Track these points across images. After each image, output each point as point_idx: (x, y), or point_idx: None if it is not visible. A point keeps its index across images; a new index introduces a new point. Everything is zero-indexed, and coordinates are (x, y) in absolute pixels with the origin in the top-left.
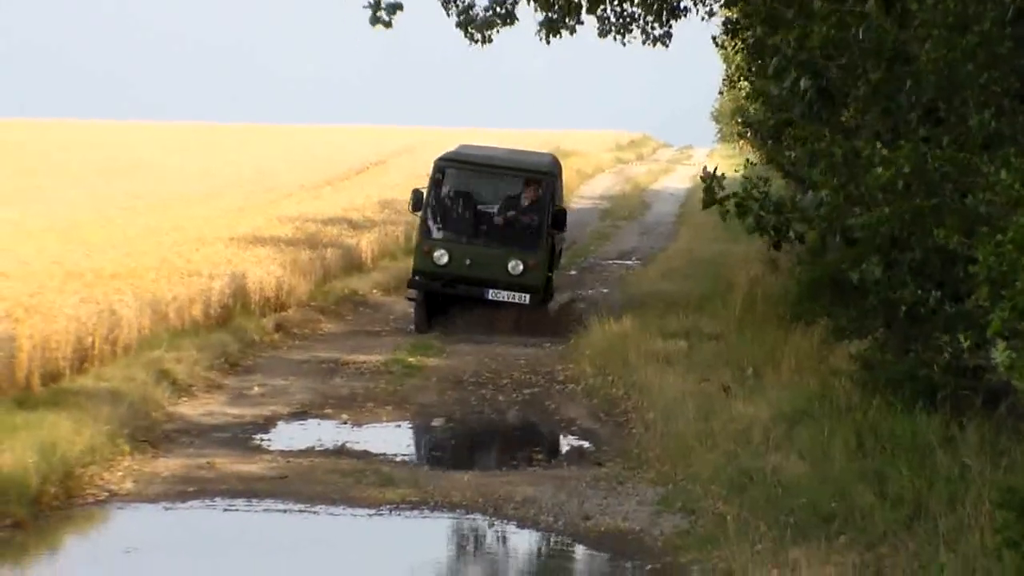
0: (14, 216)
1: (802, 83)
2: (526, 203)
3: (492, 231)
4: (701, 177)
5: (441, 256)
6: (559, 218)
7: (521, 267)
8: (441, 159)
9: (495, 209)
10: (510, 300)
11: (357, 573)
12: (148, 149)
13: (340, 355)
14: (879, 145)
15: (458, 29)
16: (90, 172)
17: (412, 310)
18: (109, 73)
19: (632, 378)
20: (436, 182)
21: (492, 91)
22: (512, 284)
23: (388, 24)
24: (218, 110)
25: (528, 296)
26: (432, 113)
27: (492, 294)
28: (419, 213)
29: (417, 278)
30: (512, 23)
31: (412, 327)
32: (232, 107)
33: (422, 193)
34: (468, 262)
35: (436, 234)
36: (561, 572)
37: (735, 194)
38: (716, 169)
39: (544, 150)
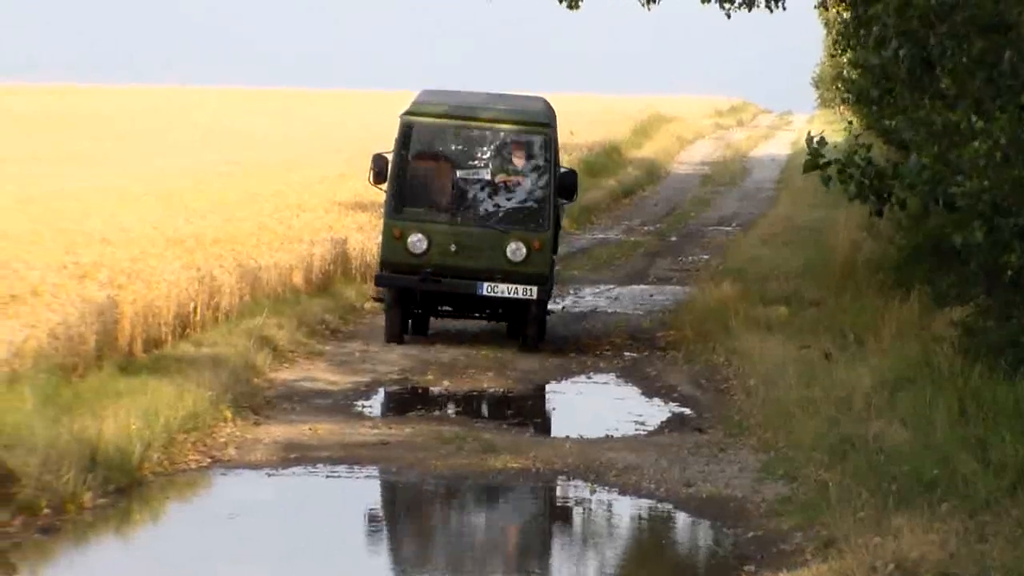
0: (114, 182)
1: (902, 52)
2: (523, 166)
3: (482, 205)
4: (806, 140)
5: (418, 242)
6: (568, 183)
7: (524, 251)
8: (408, 113)
9: (483, 175)
10: (512, 296)
11: (459, 539)
12: (249, 115)
13: (440, 321)
14: (975, 117)
15: None
16: (191, 138)
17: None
18: (208, 39)
19: (733, 344)
20: (404, 144)
21: (585, 56)
22: (512, 274)
23: None
24: (319, 76)
25: (535, 289)
26: (527, 79)
27: (487, 289)
28: (383, 186)
29: (386, 273)
30: None
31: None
32: (333, 72)
33: (386, 159)
34: (453, 248)
35: (409, 213)
36: (663, 539)
37: (837, 160)
38: (822, 134)
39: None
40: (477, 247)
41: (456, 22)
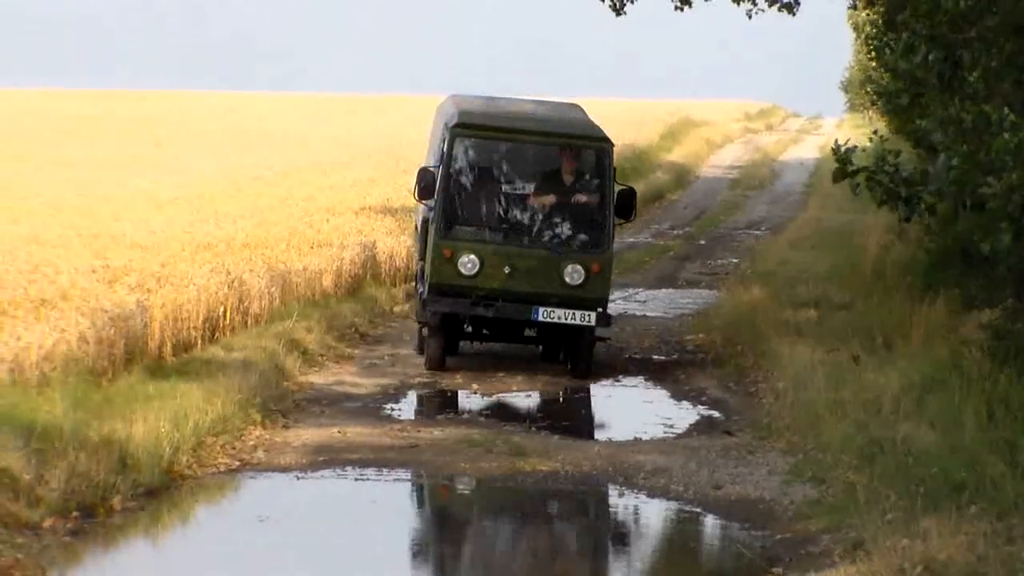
0: (146, 186)
1: (931, 57)
2: (580, 182)
3: (537, 225)
4: (833, 149)
5: (469, 263)
6: (626, 202)
7: (582, 274)
8: (458, 124)
9: (537, 192)
10: (568, 322)
11: (487, 542)
12: (282, 120)
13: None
14: (1007, 111)
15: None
16: (224, 142)
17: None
18: (242, 44)
19: (762, 347)
20: (452, 158)
21: (614, 60)
22: (570, 299)
23: None
24: (353, 81)
25: (593, 315)
26: (556, 83)
27: (544, 314)
28: (428, 201)
29: (434, 296)
30: None
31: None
32: (367, 77)
33: (433, 174)
34: (507, 270)
35: (459, 232)
36: (691, 541)
37: (865, 168)
38: (848, 142)
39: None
40: (532, 269)
41: (484, 26)
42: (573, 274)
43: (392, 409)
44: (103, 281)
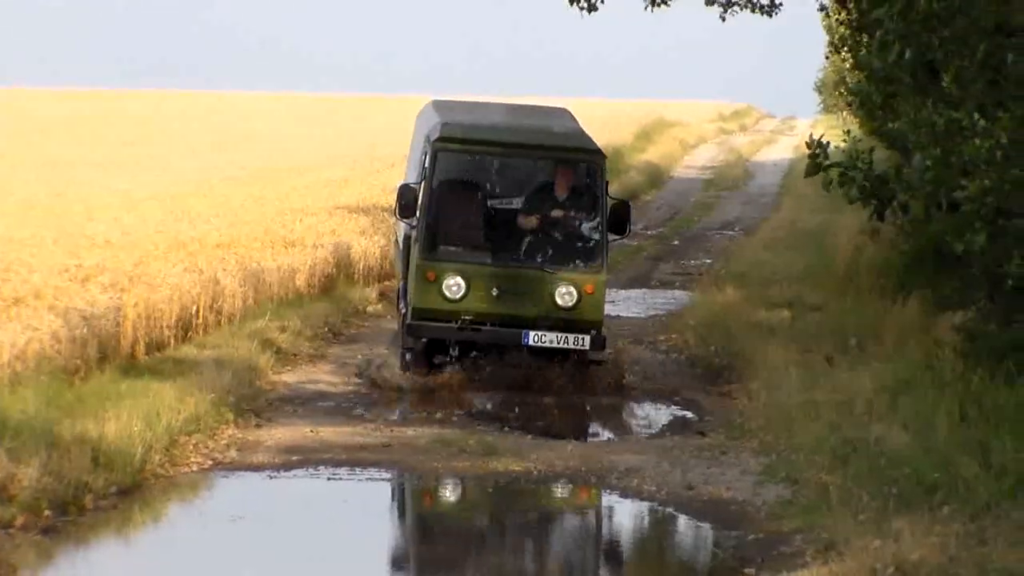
0: (122, 186)
1: (906, 55)
2: (571, 197)
3: (526, 243)
4: (807, 143)
5: (455, 285)
6: (620, 216)
7: (575, 295)
8: (441, 138)
9: (526, 208)
10: (560, 347)
11: (461, 542)
12: (263, 119)
13: None
14: (977, 116)
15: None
16: (203, 143)
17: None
18: (246, 43)
19: (735, 348)
20: (435, 174)
21: (588, 60)
22: (562, 322)
23: None
24: (341, 80)
25: (586, 339)
26: (530, 83)
27: (534, 339)
28: (411, 220)
29: (418, 322)
30: None
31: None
32: (357, 77)
33: (415, 191)
34: (495, 292)
35: (443, 252)
36: (664, 541)
37: (838, 163)
38: (822, 137)
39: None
40: (521, 291)
41: (461, 25)
42: (565, 295)
43: (365, 409)
44: (76, 280)
